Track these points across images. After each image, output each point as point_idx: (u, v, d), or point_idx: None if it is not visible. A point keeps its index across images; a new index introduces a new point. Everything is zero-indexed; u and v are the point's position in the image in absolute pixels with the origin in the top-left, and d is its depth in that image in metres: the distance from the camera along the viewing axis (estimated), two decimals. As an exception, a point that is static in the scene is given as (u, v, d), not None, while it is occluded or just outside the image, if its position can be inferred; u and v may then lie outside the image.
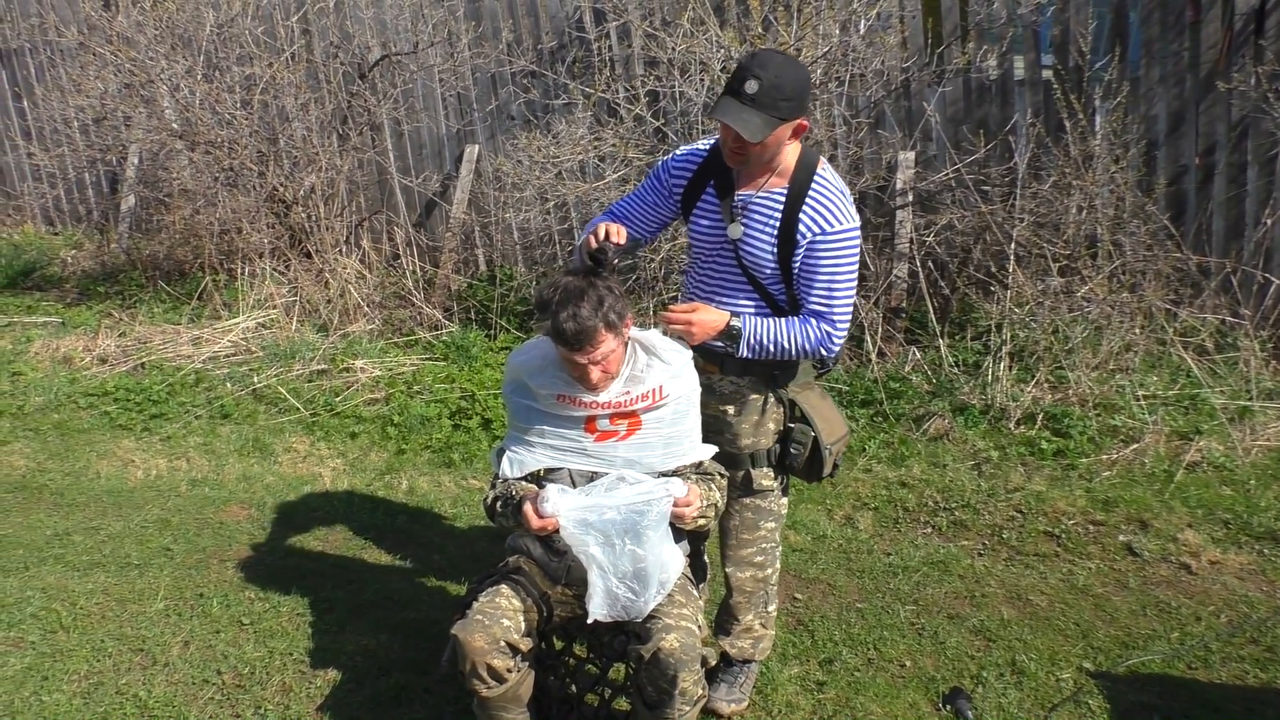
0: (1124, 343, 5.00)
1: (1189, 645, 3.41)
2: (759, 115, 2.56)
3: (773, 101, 2.56)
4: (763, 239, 2.77)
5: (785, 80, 2.56)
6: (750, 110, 2.56)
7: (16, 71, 8.46)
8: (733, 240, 2.80)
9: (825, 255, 2.73)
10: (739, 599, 3.14)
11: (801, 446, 2.94)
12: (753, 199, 2.78)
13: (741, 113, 2.56)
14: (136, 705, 3.19)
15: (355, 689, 3.25)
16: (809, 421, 2.94)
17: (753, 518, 3.05)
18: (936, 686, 3.24)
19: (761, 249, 2.77)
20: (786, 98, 2.57)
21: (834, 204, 2.72)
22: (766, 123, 2.57)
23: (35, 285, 7.70)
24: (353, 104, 6.76)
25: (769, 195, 2.77)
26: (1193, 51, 5.15)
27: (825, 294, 2.76)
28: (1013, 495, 4.33)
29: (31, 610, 3.70)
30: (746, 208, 2.79)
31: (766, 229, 2.76)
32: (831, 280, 2.75)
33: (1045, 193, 5.24)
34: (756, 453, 2.97)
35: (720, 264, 2.88)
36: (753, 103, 2.56)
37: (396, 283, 6.66)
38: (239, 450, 5.15)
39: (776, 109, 2.57)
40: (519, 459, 2.82)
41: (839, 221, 2.71)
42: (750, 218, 2.78)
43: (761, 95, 2.55)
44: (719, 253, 2.86)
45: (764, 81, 2.54)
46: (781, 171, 2.76)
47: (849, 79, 5.47)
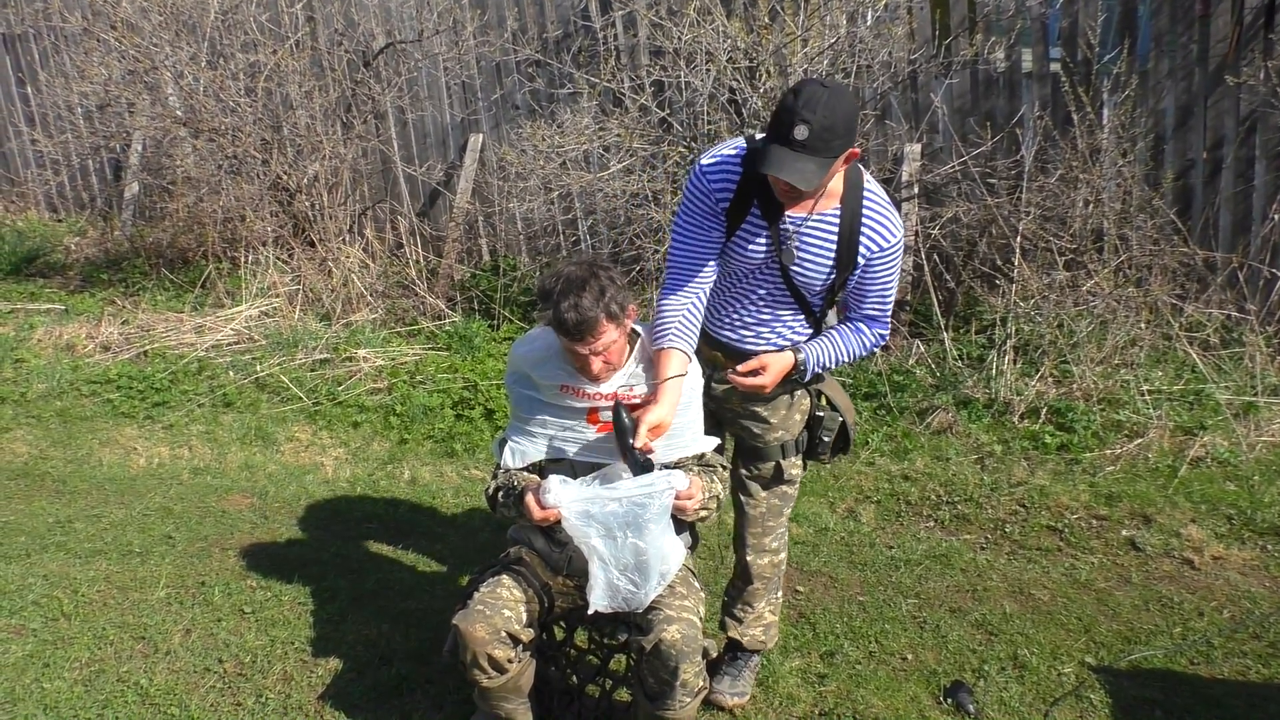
0: (1129, 337, 4.98)
1: (1191, 641, 3.40)
2: (813, 161, 2.40)
3: (825, 144, 2.40)
4: (819, 262, 2.70)
5: (836, 119, 2.39)
6: (803, 158, 2.39)
7: (20, 57, 8.44)
8: (784, 263, 2.70)
9: (883, 268, 2.73)
10: (758, 585, 3.14)
11: (830, 432, 2.96)
12: (805, 222, 2.67)
13: (796, 162, 2.40)
14: (138, 693, 3.19)
15: (356, 678, 3.25)
16: (835, 407, 2.97)
17: (779, 504, 3.07)
18: (938, 680, 3.24)
19: (817, 271, 2.71)
20: (839, 136, 2.41)
21: (889, 219, 2.69)
22: (821, 166, 2.42)
23: (39, 272, 7.70)
24: (357, 92, 6.74)
25: (822, 218, 2.66)
26: (1202, 45, 5.12)
27: (879, 301, 2.79)
28: (1016, 489, 4.32)
29: (33, 597, 3.71)
30: (798, 231, 2.67)
31: (823, 252, 2.69)
32: (885, 288, 2.77)
33: (1052, 186, 5.21)
34: (786, 444, 2.98)
35: (762, 282, 2.78)
36: (804, 148, 2.39)
37: (400, 272, 6.65)
38: (241, 439, 5.14)
39: (830, 150, 2.42)
40: (521, 449, 2.81)
41: (894, 235, 2.69)
42: (804, 241, 2.68)
43: (813, 140, 2.38)
44: (761, 272, 2.76)
45: (814, 125, 2.37)
46: (830, 192, 2.64)
47: (855, 70, 5.44)
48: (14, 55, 8.50)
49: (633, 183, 5.67)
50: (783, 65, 5.36)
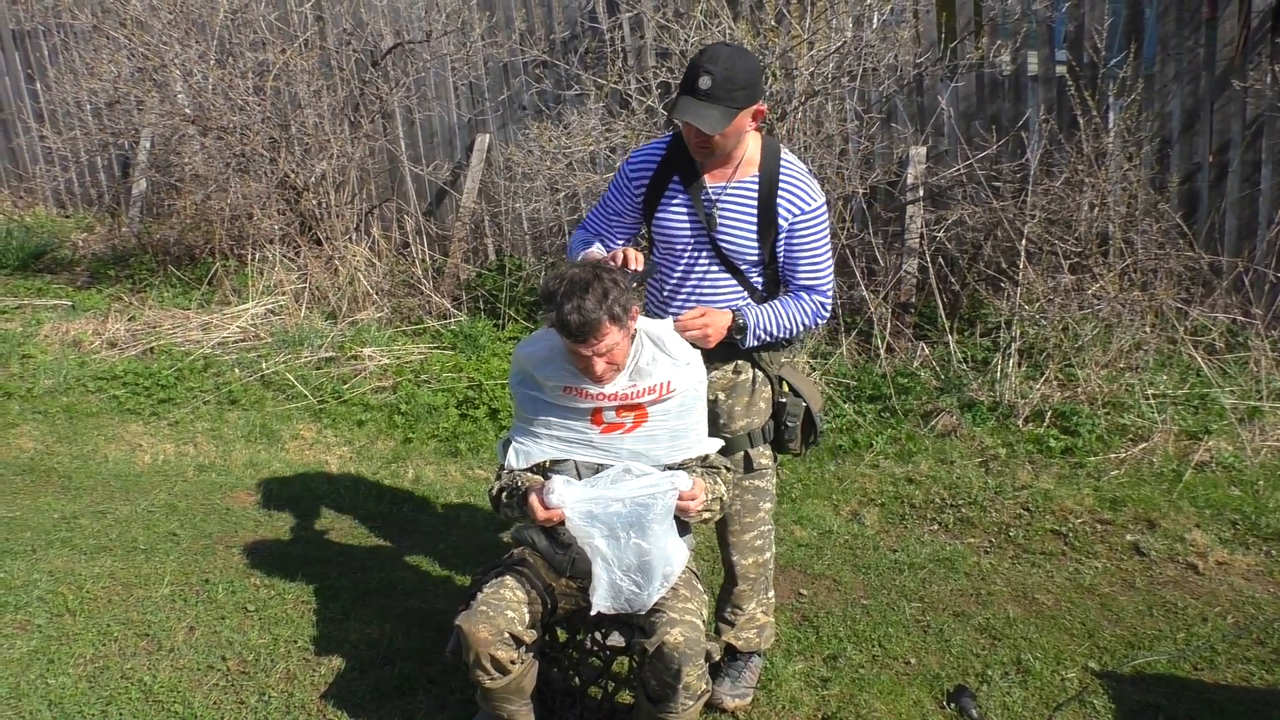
0: (1134, 341, 4.98)
1: (1195, 646, 3.40)
2: (716, 108, 2.64)
3: (727, 93, 2.64)
4: (743, 228, 2.86)
5: (737, 70, 2.64)
6: (707, 105, 2.64)
7: (30, 54, 8.47)
8: (710, 231, 2.85)
9: (806, 233, 2.87)
10: (743, 587, 3.14)
11: (795, 419, 3.04)
12: (725, 190, 2.86)
13: (700, 109, 2.64)
14: (141, 690, 3.20)
15: (359, 677, 3.26)
16: (798, 393, 3.05)
17: (753, 499, 3.07)
18: (941, 684, 3.24)
19: (743, 237, 2.86)
20: (740, 87, 2.65)
21: (805, 185, 2.86)
22: (725, 114, 2.66)
23: (46, 268, 7.73)
24: (365, 91, 6.75)
25: (741, 185, 2.85)
26: (1208, 49, 5.11)
27: (811, 269, 2.91)
28: (1020, 493, 4.32)
29: (38, 593, 3.72)
30: (719, 199, 2.85)
31: (745, 218, 2.85)
32: (815, 255, 2.90)
33: (1057, 189, 5.21)
34: (752, 432, 3.03)
35: (696, 258, 2.93)
36: (709, 97, 2.63)
37: (405, 271, 6.66)
38: (246, 436, 5.16)
39: (732, 99, 2.65)
40: (525, 450, 2.82)
41: (812, 199, 2.85)
42: (725, 207, 2.86)
43: (716, 89, 2.63)
44: (693, 247, 2.92)
45: (716, 75, 2.62)
46: (748, 160, 2.85)
47: (861, 73, 5.44)
48: (23, 51, 8.53)
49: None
50: (789, 68, 5.36)
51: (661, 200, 2.91)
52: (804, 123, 5.54)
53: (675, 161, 2.89)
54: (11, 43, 8.56)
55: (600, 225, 3.09)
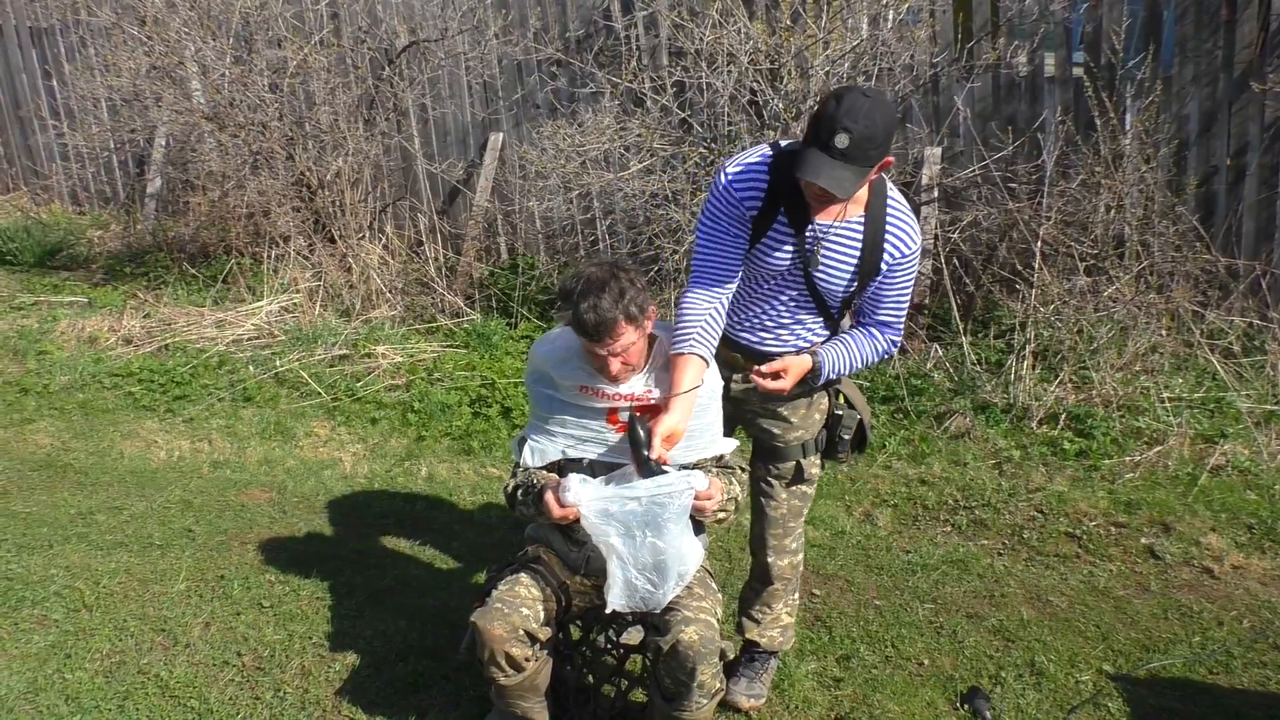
0: (1150, 344, 4.96)
1: (1211, 650, 3.38)
2: (850, 169, 2.42)
3: (864, 153, 2.41)
4: (843, 269, 2.72)
5: (877, 129, 2.41)
6: (841, 166, 2.41)
7: (47, 50, 8.51)
8: (807, 269, 2.71)
9: (902, 275, 2.78)
10: (777, 587, 3.15)
11: (849, 430, 2.99)
12: (831, 229, 2.69)
13: (834, 170, 2.41)
14: (158, 685, 3.22)
15: (374, 674, 3.27)
16: (853, 405, 3.00)
17: (799, 505, 3.08)
18: (954, 686, 3.23)
19: (839, 278, 2.74)
20: (878, 145, 2.43)
21: (910, 227, 2.73)
22: (859, 175, 2.44)
23: (62, 265, 7.76)
24: (380, 89, 6.77)
25: (848, 225, 2.69)
26: (1227, 51, 5.09)
27: (895, 307, 2.84)
28: (1034, 495, 4.30)
29: (55, 588, 3.75)
30: (824, 238, 2.69)
31: (847, 259, 2.71)
32: (902, 294, 2.82)
33: (1073, 191, 5.19)
34: (806, 443, 3.00)
35: (785, 288, 2.80)
36: (844, 158, 2.40)
37: (419, 269, 6.67)
38: (261, 433, 5.18)
39: (868, 159, 2.43)
40: (540, 448, 2.82)
41: (914, 242, 2.74)
42: (828, 247, 2.70)
43: (853, 149, 2.39)
44: (784, 277, 2.77)
45: (855, 134, 2.38)
46: (856, 199, 2.65)
47: (877, 73, 5.43)
48: (40, 48, 8.57)
49: (652, 183, 5.67)
50: (804, 67, 5.35)
51: (767, 233, 2.69)
52: (819, 123, 5.51)
53: (781, 186, 2.64)
54: (29, 40, 8.60)
55: (719, 270, 2.75)
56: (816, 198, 2.57)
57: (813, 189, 2.52)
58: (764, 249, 2.73)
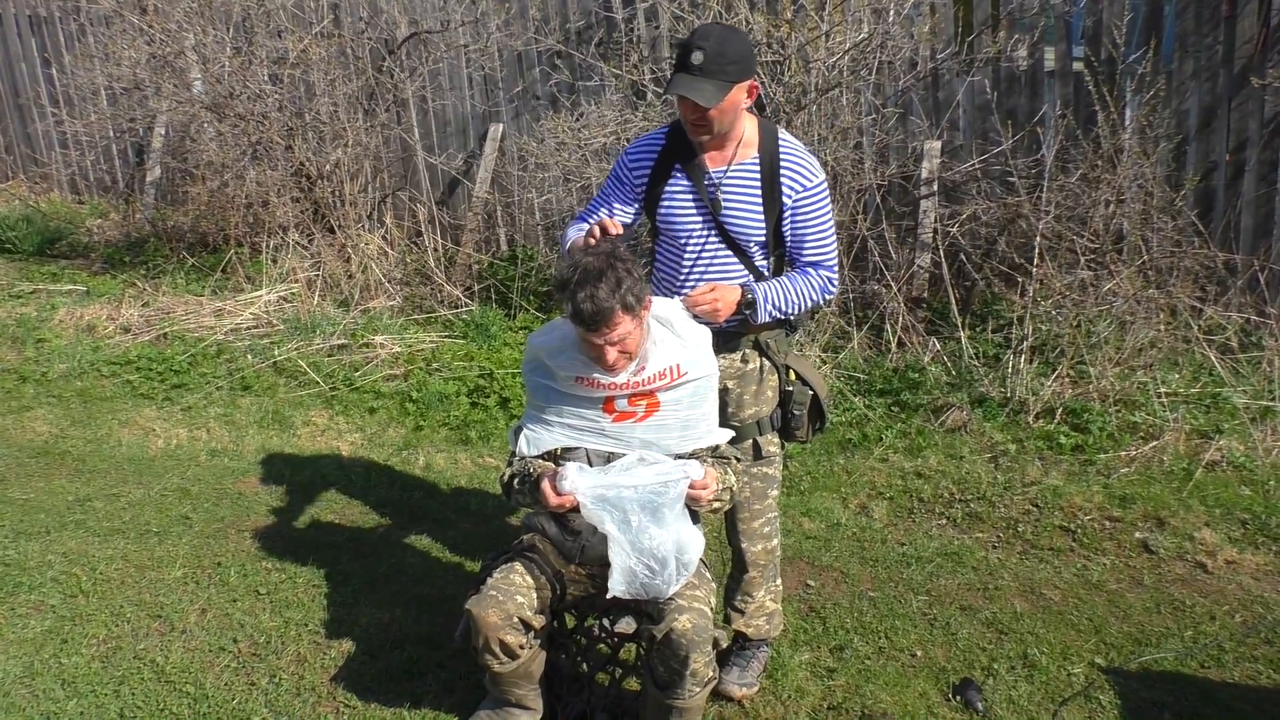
0: (1147, 339, 4.96)
1: (1203, 644, 3.39)
2: (710, 82, 2.67)
3: (720, 67, 2.66)
4: (749, 209, 2.87)
5: (728, 46, 2.67)
6: (701, 79, 2.66)
7: (46, 39, 8.51)
8: (715, 215, 2.86)
9: (811, 210, 2.89)
10: (753, 574, 3.16)
11: (802, 407, 3.06)
12: (727, 173, 2.86)
13: (694, 83, 2.67)
14: (154, 670, 3.23)
15: (369, 661, 3.28)
16: (806, 382, 3.07)
17: (762, 486, 3.10)
18: (947, 677, 3.24)
19: (748, 219, 2.87)
20: (732, 61, 2.67)
21: (806, 162, 2.88)
22: (718, 88, 2.68)
23: (61, 253, 7.77)
24: (380, 81, 6.77)
25: (742, 166, 2.87)
26: (1227, 46, 5.09)
27: (817, 245, 2.93)
28: (1029, 489, 4.31)
29: (52, 574, 3.76)
30: (723, 183, 2.86)
31: (749, 198, 2.86)
32: (820, 231, 2.92)
33: (1073, 186, 5.19)
34: (761, 420, 3.05)
35: (702, 243, 2.92)
36: (701, 72, 2.66)
37: (418, 260, 6.68)
38: (258, 422, 5.19)
39: (725, 74, 2.67)
40: (536, 437, 2.83)
41: (814, 176, 2.88)
42: (729, 192, 2.86)
43: (708, 63, 2.65)
44: (698, 233, 2.91)
45: (708, 50, 2.65)
46: (747, 142, 2.86)
47: (878, 66, 5.43)
48: (39, 37, 8.57)
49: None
50: (806, 60, 5.35)
51: (665, 189, 2.92)
52: (820, 116, 5.53)
53: (674, 150, 2.90)
54: (29, 28, 8.60)
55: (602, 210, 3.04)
56: (692, 125, 2.78)
57: (685, 113, 2.76)
58: (668, 206, 2.92)
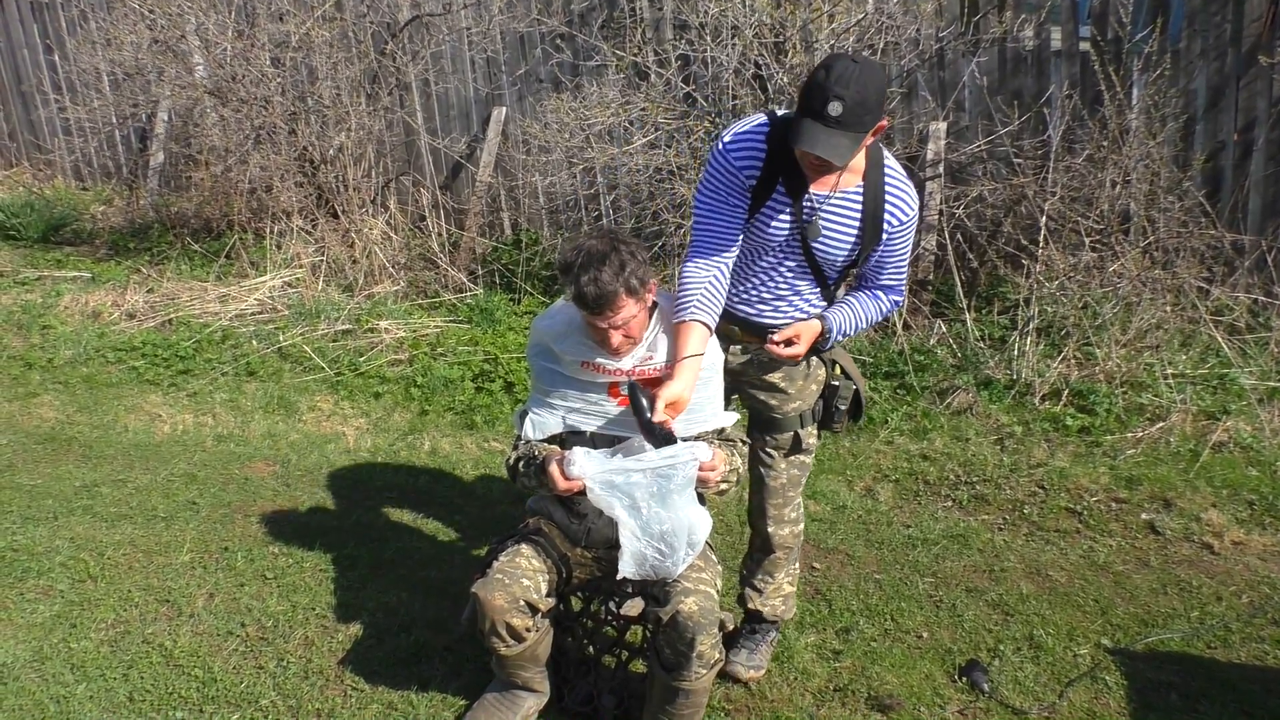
0: (1154, 320, 4.94)
1: (1209, 624, 3.39)
2: (846, 137, 2.41)
3: (858, 119, 2.40)
4: (843, 239, 2.72)
5: (869, 94, 2.39)
6: (837, 133, 2.40)
7: (48, 25, 8.48)
8: (806, 239, 2.71)
9: (902, 240, 2.79)
10: (779, 555, 3.17)
11: (845, 401, 3.02)
12: (829, 199, 2.68)
13: (830, 139, 2.40)
14: (162, 654, 3.25)
15: (376, 645, 3.29)
16: (849, 375, 3.03)
17: (798, 475, 3.10)
18: (953, 658, 3.25)
19: (839, 248, 2.73)
20: (870, 111, 2.42)
21: (908, 192, 2.73)
22: (854, 141, 2.43)
23: (65, 240, 7.77)
24: (382, 64, 6.74)
25: (845, 195, 2.69)
26: (1235, 25, 5.04)
27: (897, 271, 2.86)
28: (1035, 471, 4.31)
29: (60, 559, 3.77)
30: (822, 208, 2.68)
31: (847, 229, 2.71)
32: (903, 258, 2.83)
33: (1079, 166, 5.16)
34: (804, 413, 3.01)
35: (783, 259, 2.79)
36: (838, 124, 2.39)
37: (422, 244, 6.67)
38: (264, 407, 5.19)
39: (862, 125, 2.42)
40: (541, 421, 2.83)
41: (913, 208, 2.75)
42: (827, 217, 2.69)
43: (847, 116, 2.38)
44: (782, 248, 2.76)
45: (848, 101, 2.37)
46: (853, 168, 2.65)
47: (882, 47, 5.39)
48: (41, 23, 8.54)
49: (656, 157, 5.65)
50: (809, 41, 5.32)
51: (765, 203, 2.68)
52: (823, 97, 5.48)
53: (779, 157, 2.63)
54: (30, 14, 8.57)
55: (719, 239, 2.74)
56: (813, 167, 2.56)
57: (809, 158, 2.51)
58: (762, 219, 2.71)
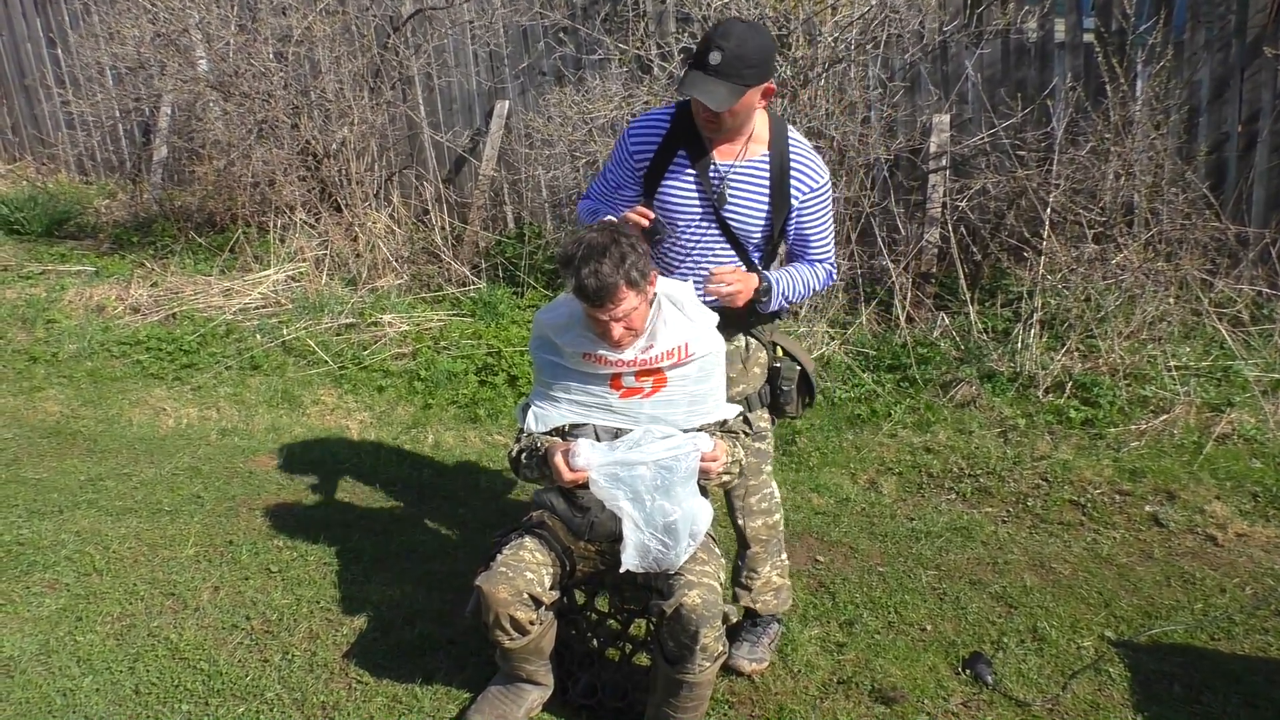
0: (1158, 312, 4.93)
1: (1213, 616, 3.39)
2: (724, 85, 2.62)
3: (737, 70, 2.62)
4: (754, 206, 2.86)
5: (748, 48, 2.62)
6: (715, 81, 2.62)
7: (51, 18, 8.49)
8: (718, 208, 2.84)
9: (817, 210, 2.92)
10: (756, 550, 3.18)
11: (790, 382, 3.08)
12: (734, 168, 2.84)
13: (707, 84, 2.62)
14: (168, 647, 3.26)
15: (380, 638, 3.30)
16: (793, 357, 3.09)
17: (755, 461, 3.12)
18: (957, 651, 3.25)
19: (752, 216, 2.87)
20: (750, 65, 2.63)
21: (814, 162, 2.89)
22: (732, 92, 2.64)
23: (69, 234, 7.78)
24: (385, 58, 6.73)
25: (751, 164, 2.85)
26: (1240, 16, 5.02)
27: (821, 243, 2.99)
28: (1039, 463, 4.31)
29: (66, 553, 3.78)
30: (729, 176, 2.84)
31: (757, 196, 2.85)
32: (824, 230, 2.97)
33: (1082, 158, 5.15)
34: (749, 397, 3.07)
35: (700, 234, 2.90)
36: (718, 74, 2.61)
37: (425, 238, 6.67)
38: (268, 401, 5.20)
39: (741, 77, 2.63)
40: (544, 414, 2.83)
41: (821, 175, 2.90)
42: (735, 186, 2.85)
43: (725, 65, 2.61)
44: (696, 223, 2.89)
45: (727, 52, 2.60)
46: (757, 138, 2.84)
47: (886, 39, 5.38)
48: (44, 17, 8.55)
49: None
50: (812, 34, 5.31)
51: (667, 174, 2.87)
52: (827, 89, 5.49)
53: (681, 134, 2.85)
54: (33, 8, 8.57)
55: (603, 198, 3.04)
56: (706, 123, 2.76)
57: (697, 109, 2.73)
58: (668, 189, 2.88)
